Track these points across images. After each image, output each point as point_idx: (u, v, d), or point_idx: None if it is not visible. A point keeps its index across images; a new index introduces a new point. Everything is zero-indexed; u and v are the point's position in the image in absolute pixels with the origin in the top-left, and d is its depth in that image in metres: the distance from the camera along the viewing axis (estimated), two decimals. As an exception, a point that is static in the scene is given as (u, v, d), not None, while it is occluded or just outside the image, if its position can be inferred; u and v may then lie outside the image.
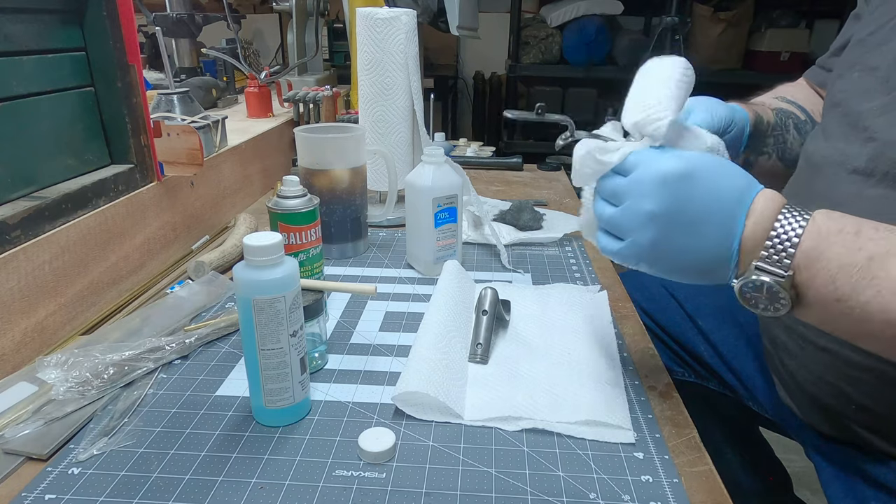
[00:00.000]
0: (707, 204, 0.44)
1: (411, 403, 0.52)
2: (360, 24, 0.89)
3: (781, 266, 0.42)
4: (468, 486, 0.45)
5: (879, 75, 0.55)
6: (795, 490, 1.00)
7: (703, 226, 0.44)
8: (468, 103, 3.38)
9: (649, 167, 0.45)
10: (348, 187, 0.83)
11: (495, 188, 1.22)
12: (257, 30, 2.32)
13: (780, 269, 0.42)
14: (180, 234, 0.85)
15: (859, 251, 0.40)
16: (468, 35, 1.47)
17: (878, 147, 0.52)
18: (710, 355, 0.80)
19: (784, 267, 0.42)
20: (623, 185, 0.47)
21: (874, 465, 0.57)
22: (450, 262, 0.73)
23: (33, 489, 0.44)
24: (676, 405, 0.54)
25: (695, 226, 0.44)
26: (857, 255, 0.40)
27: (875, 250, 0.40)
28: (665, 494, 0.44)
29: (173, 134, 0.79)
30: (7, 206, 0.60)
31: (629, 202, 0.46)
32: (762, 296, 0.43)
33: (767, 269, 0.42)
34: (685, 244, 0.45)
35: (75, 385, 0.52)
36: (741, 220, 0.44)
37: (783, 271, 0.42)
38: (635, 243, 0.47)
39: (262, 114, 1.31)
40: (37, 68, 0.64)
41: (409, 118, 0.94)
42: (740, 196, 0.44)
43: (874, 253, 0.40)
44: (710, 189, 0.44)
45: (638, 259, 0.48)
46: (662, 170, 0.45)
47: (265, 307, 0.46)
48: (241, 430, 0.50)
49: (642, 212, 0.45)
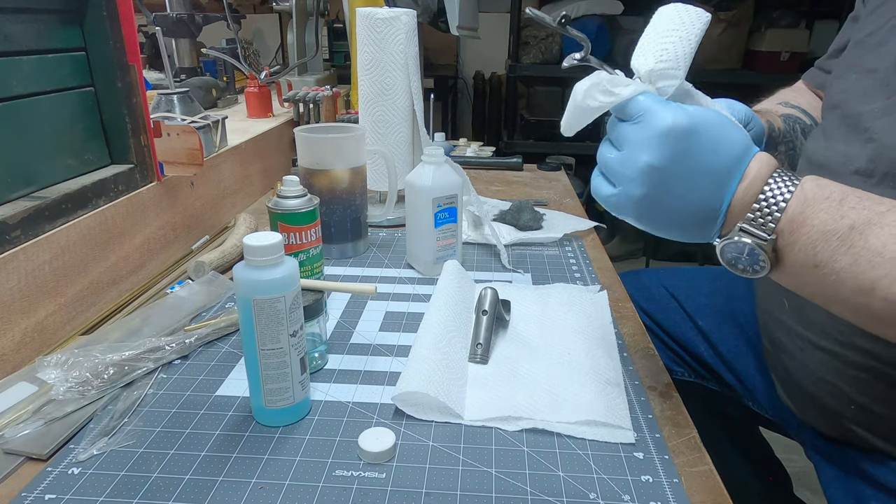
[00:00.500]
0: (704, 164, 0.43)
1: (411, 403, 0.52)
2: (360, 24, 0.89)
3: (765, 230, 0.42)
4: (468, 486, 0.45)
5: (878, 77, 0.55)
6: (795, 490, 1.00)
7: (696, 185, 0.44)
8: (468, 103, 3.38)
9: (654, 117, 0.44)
10: (348, 187, 0.83)
11: (495, 188, 1.22)
12: (257, 30, 2.32)
13: (763, 232, 0.42)
14: (180, 234, 0.85)
15: (841, 219, 0.41)
16: (468, 35, 1.47)
17: (877, 148, 0.52)
18: (709, 355, 0.80)
19: (768, 231, 0.42)
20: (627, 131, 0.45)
21: (874, 466, 0.57)
22: (450, 262, 0.73)
23: (33, 489, 0.44)
24: (676, 405, 0.54)
25: (688, 184, 0.44)
26: (839, 222, 0.41)
27: (856, 219, 0.40)
28: (665, 494, 0.44)
29: (173, 134, 0.79)
30: (7, 206, 0.60)
31: (627, 150, 0.45)
32: (742, 256, 0.44)
33: (751, 231, 0.43)
34: (675, 202, 0.44)
35: (75, 385, 0.52)
36: (735, 182, 0.43)
37: (766, 234, 0.42)
38: (626, 193, 0.45)
39: (262, 114, 1.31)
40: (37, 68, 0.64)
41: (409, 118, 0.94)
42: (737, 159, 0.44)
43: (855, 221, 0.40)
44: (709, 149, 0.43)
45: (625, 209, 0.46)
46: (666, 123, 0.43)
47: (265, 307, 0.46)
48: (241, 430, 0.50)
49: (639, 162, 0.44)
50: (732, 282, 0.84)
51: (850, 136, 0.56)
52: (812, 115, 0.72)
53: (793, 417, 0.67)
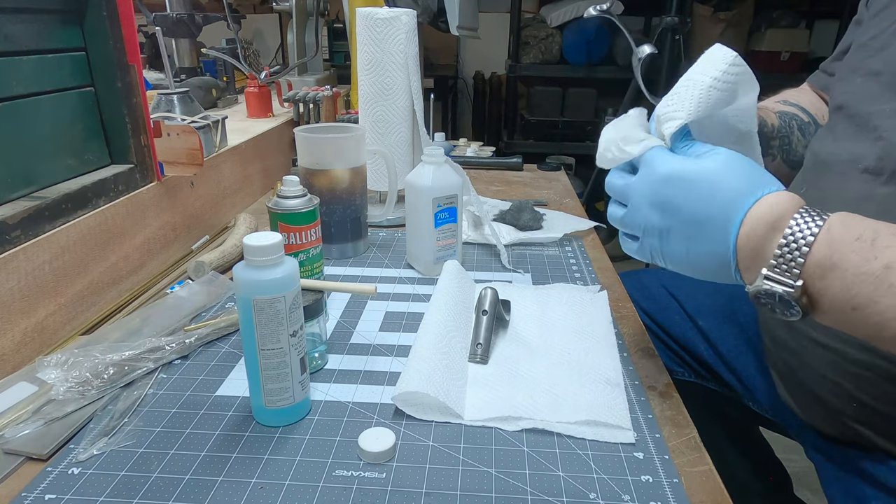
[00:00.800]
0: (700, 208, 0.44)
1: (411, 403, 0.52)
2: (360, 24, 0.89)
3: (791, 276, 0.41)
4: (468, 486, 0.45)
5: (884, 80, 0.55)
6: (795, 490, 1.00)
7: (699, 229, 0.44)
8: (468, 103, 3.38)
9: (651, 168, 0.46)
10: (348, 187, 0.83)
11: (495, 188, 1.22)
12: (257, 30, 2.32)
13: (789, 279, 0.41)
14: (180, 234, 0.85)
15: (875, 260, 0.39)
16: (468, 35, 1.47)
17: (886, 146, 0.53)
18: (710, 355, 0.80)
19: (793, 276, 0.41)
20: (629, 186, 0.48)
21: (874, 465, 0.57)
22: (450, 262, 0.73)
23: (33, 489, 0.44)
24: (676, 405, 0.54)
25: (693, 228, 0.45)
26: (872, 263, 0.39)
27: (892, 258, 0.39)
28: (665, 494, 0.44)
29: (173, 134, 0.79)
30: (7, 206, 0.60)
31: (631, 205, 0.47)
32: (775, 302, 0.43)
33: (776, 278, 0.42)
34: (686, 246, 0.46)
35: (75, 385, 0.52)
36: (736, 224, 0.43)
37: (792, 281, 0.41)
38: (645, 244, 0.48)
39: (262, 114, 1.31)
40: (37, 68, 0.64)
41: (409, 118, 0.94)
42: (735, 200, 0.43)
43: (891, 261, 0.39)
44: (705, 193, 0.44)
45: (653, 258, 0.48)
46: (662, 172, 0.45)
47: (265, 307, 0.46)
48: (241, 430, 0.50)
49: (642, 215, 0.46)
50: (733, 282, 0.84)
51: (858, 135, 0.56)
52: (811, 113, 0.72)
53: (793, 417, 0.67)
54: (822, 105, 0.75)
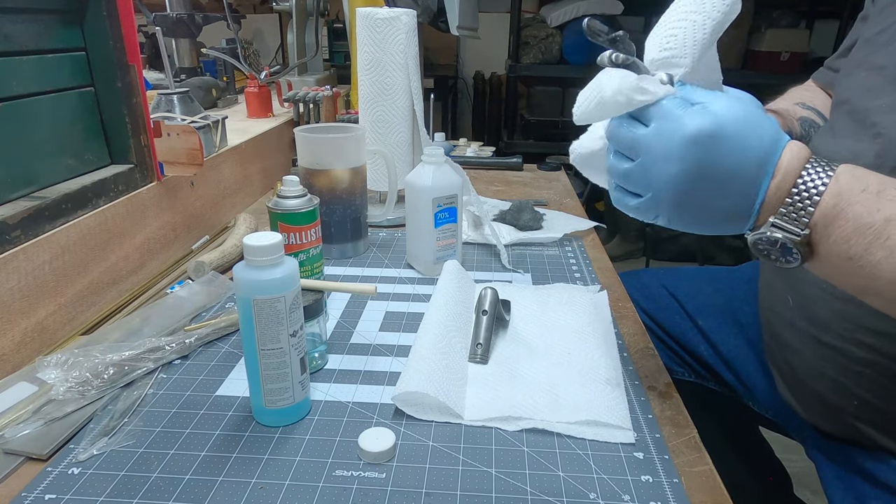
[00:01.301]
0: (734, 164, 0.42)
1: (411, 403, 0.52)
2: (360, 24, 0.89)
3: (798, 224, 0.41)
4: (468, 486, 0.45)
5: (887, 74, 0.55)
6: (795, 490, 1.00)
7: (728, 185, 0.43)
8: (468, 103, 3.38)
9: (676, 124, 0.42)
10: (348, 187, 0.83)
11: (495, 188, 1.22)
12: (257, 30, 2.32)
13: (796, 227, 0.41)
14: (180, 234, 0.85)
15: (878, 212, 0.39)
16: (468, 35, 1.47)
17: (885, 143, 0.52)
18: (710, 355, 0.80)
19: (801, 225, 0.41)
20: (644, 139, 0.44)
21: (875, 464, 0.57)
22: (450, 262, 0.73)
23: (33, 489, 0.44)
24: (676, 405, 0.54)
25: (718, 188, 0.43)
26: (875, 215, 0.39)
27: (893, 211, 0.39)
28: (665, 494, 0.44)
29: (173, 134, 0.79)
30: (7, 206, 0.60)
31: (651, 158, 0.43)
32: (774, 249, 0.43)
33: (784, 226, 0.42)
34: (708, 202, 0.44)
35: (75, 385, 0.52)
36: (767, 180, 0.42)
37: (799, 229, 0.41)
38: (656, 199, 0.44)
39: (262, 114, 1.31)
40: (37, 68, 0.64)
41: (409, 118, 0.94)
42: (767, 153, 0.42)
43: (892, 214, 0.39)
44: (737, 148, 0.42)
45: (657, 213, 0.46)
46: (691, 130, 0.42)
47: (265, 307, 0.46)
48: (241, 430, 0.50)
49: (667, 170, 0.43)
50: (733, 282, 0.84)
51: (858, 132, 0.56)
52: (826, 117, 0.72)
53: (793, 416, 0.67)
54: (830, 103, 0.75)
